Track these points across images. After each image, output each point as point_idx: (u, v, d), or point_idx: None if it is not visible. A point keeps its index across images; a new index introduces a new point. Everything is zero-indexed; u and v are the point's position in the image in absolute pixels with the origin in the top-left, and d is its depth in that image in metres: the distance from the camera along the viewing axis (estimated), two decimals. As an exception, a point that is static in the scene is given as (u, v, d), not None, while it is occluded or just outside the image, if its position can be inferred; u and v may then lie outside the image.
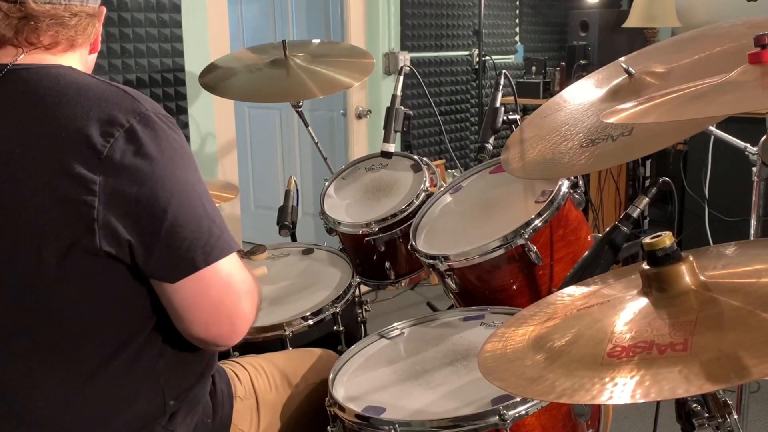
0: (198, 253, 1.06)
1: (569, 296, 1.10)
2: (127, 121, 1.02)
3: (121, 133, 1.01)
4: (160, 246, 1.04)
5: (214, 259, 1.08)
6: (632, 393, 0.77)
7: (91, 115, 1.01)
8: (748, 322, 0.81)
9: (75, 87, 1.05)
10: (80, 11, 1.11)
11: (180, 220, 1.04)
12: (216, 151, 3.05)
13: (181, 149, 1.08)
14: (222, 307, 1.12)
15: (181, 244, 1.05)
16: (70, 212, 1.00)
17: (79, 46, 1.15)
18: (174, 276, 1.06)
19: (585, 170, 1.43)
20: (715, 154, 3.32)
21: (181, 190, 1.05)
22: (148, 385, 1.14)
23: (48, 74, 1.07)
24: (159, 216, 1.03)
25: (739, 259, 1.01)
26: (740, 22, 1.51)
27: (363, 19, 3.72)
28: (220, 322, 1.12)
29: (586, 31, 4.36)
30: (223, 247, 1.09)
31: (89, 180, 0.99)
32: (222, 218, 1.13)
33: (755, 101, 1.05)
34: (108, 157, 1.00)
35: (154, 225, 1.03)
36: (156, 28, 2.70)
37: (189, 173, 1.08)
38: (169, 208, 1.03)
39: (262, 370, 1.45)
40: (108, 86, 1.07)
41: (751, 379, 0.74)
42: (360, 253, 2.03)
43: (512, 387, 0.91)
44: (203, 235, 1.07)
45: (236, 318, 1.13)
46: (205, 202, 1.09)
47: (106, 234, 1.01)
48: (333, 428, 1.35)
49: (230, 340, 1.15)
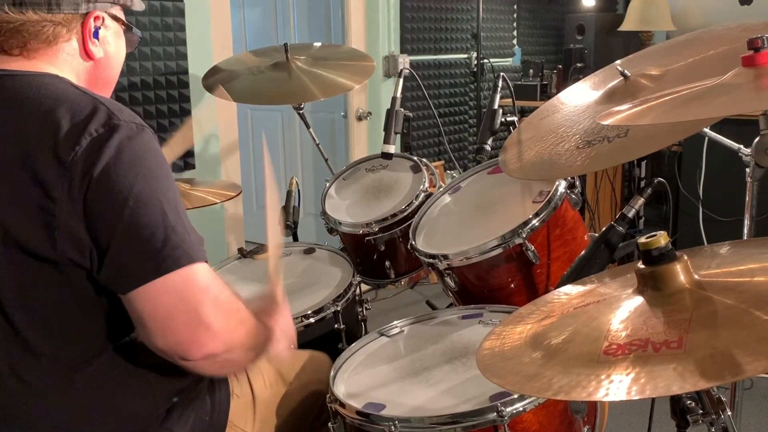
0: (149, 264, 1.02)
1: (566, 295, 1.11)
2: (96, 130, 1.01)
3: (87, 141, 1.00)
4: (112, 255, 1.02)
5: (166, 270, 1.02)
6: (628, 390, 0.77)
7: (62, 124, 1.01)
8: (742, 321, 0.81)
9: (53, 96, 1.05)
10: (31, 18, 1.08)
11: (130, 230, 1.01)
12: (219, 152, 3.05)
13: (148, 157, 1.05)
14: (179, 315, 1.04)
15: (132, 254, 1.02)
16: (35, 220, 1.00)
17: (45, 51, 1.12)
18: (124, 287, 1.03)
19: (581, 171, 1.43)
20: (709, 156, 3.32)
21: (136, 199, 1.01)
22: (136, 385, 1.14)
23: (31, 83, 1.07)
24: (111, 224, 1.01)
25: (733, 259, 1.01)
26: (734, 26, 1.51)
27: (363, 23, 3.72)
28: (177, 330, 1.05)
29: (582, 34, 4.36)
30: (178, 257, 1.03)
31: (51, 187, 0.99)
32: (188, 225, 1.08)
33: (749, 103, 1.05)
34: (70, 165, 0.99)
35: (107, 234, 1.01)
36: (160, 32, 2.70)
37: (150, 181, 1.04)
38: (122, 217, 1.01)
39: (258, 367, 1.44)
40: (86, 97, 1.06)
41: (744, 377, 0.74)
42: (360, 253, 2.03)
43: (510, 384, 0.91)
44: (156, 245, 1.02)
45: (196, 327, 1.04)
46: (168, 211, 1.04)
47: (68, 242, 1.00)
48: (334, 424, 1.35)
49: (191, 349, 1.05)
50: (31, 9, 1.08)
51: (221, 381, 1.33)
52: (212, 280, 1.08)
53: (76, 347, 1.08)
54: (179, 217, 1.06)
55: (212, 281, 1.08)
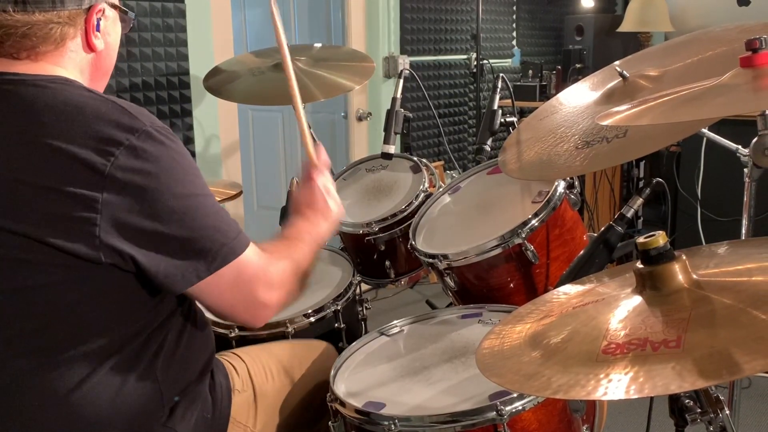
0: (202, 264, 1.07)
1: (565, 294, 1.11)
2: (127, 138, 1.02)
3: (122, 151, 1.01)
4: (164, 259, 1.05)
5: (217, 267, 1.09)
6: (626, 389, 0.77)
7: (89, 134, 1.01)
8: (740, 320, 0.81)
9: (72, 105, 1.04)
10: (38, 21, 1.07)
11: (182, 233, 1.05)
12: (220, 152, 3.05)
13: (181, 161, 1.08)
14: (238, 304, 1.15)
15: (186, 255, 1.06)
16: (70, 228, 1.00)
17: (53, 53, 1.11)
18: (179, 286, 1.08)
19: (580, 171, 1.44)
20: (708, 156, 3.32)
21: (182, 204, 1.05)
22: (144, 385, 1.14)
23: (45, 89, 1.06)
24: (161, 231, 1.04)
25: (731, 258, 1.01)
26: (732, 27, 1.51)
27: (363, 24, 3.72)
28: (239, 314, 1.17)
29: (581, 35, 4.36)
30: (226, 254, 1.10)
31: (90, 198, 0.99)
32: (227, 218, 1.13)
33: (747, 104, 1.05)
34: (110, 175, 1.00)
35: (156, 240, 1.04)
36: (161, 33, 2.70)
37: (189, 185, 1.08)
38: (172, 224, 1.04)
39: (258, 361, 1.44)
40: (104, 102, 1.06)
41: (742, 376, 0.74)
42: (361, 252, 2.03)
43: (509, 383, 0.91)
44: (207, 244, 1.08)
45: (255, 310, 1.16)
46: (209, 211, 1.10)
47: (109, 247, 1.01)
48: (334, 423, 1.35)
49: (257, 324, 1.19)
50: (36, 9, 1.06)
51: (222, 378, 1.33)
52: (258, 262, 1.15)
53: (96, 346, 1.08)
54: (218, 214, 1.11)
55: (259, 264, 1.15)
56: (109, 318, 1.09)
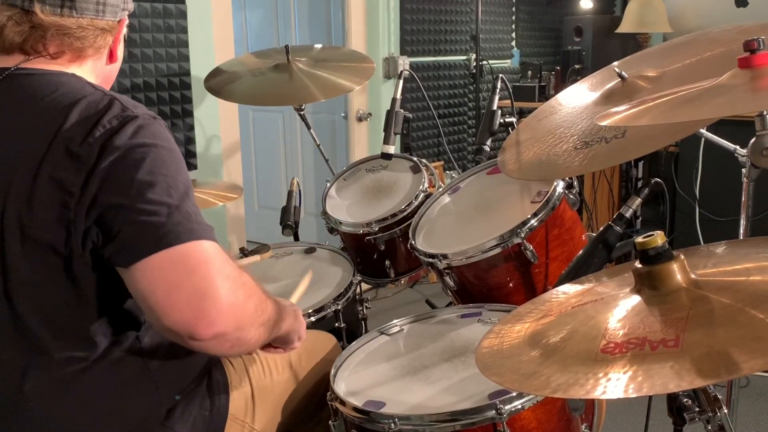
0: (149, 237, 1.00)
1: (564, 294, 1.11)
2: (109, 122, 1.03)
3: (101, 133, 1.02)
4: (116, 230, 1.01)
5: (167, 245, 1.00)
6: (625, 388, 0.77)
7: (79, 121, 1.02)
8: (738, 319, 0.81)
9: (70, 94, 1.06)
10: (89, 25, 1.11)
11: (135, 205, 1.01)
12: (221, 152, 3.05)
13: (160, 143, 1.06)
14: (181, 292, 1.00)
15: (134, 229, 1.01)
16: (53, 216, 1.00)
17: (90, 57, 1.15)
18: (125, 260, 1.01)
19: (579, 171, 1.44)
20: (706, 156, 3.32)
21: (142, 179, 1.02)
22: (140, 383, 1.14)
23: (49, 81, 1.08)
24: (117, 201, 1.01)
25: (729, 258, 1.01)
26: (730, 28, 1.51)
27: (363, 25, 3.72)
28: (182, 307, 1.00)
29: (580, 36, 4.36)
30: (180, 233, 1.01)
31: (69, 182, 1.00)
32: (195, 212, 1.07)
33: (745, 104, 1.05)
34: (84, 156, 1.00)
35: (112, 211, 1.01)
36: (162, 34, 2.70)
37: (159, 163, 1.04)
38: (130, 195, 1.01)
39: (256, 355, 1.42)
40: (103, 96, 1.08)
41: (740, 375, 0.74)
42: (361, 252, 2.03)
43: (509, 382, 0.91)
44: (159, 220, 1.01)
45: (202, 302, 1.00)
46: (173, 191, 1.04)
47: (81, 232, 1.01)
48: (334, 422, 1.35)
49: (201, 329, 1.00)
50: (82, 14, 1.10)
51: (219, 375, 1.32)
52: (217, 254, 1.04)
53: (86, 347, 1.08)
54: (186, 199, 1.05)
55: (217, 255, 1.04)
56: (102, 316, 1.09)
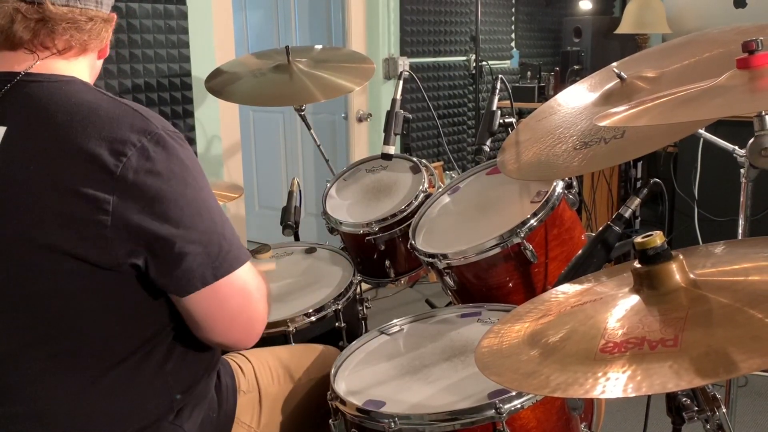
0: (209, 268, 1.06)
1: (563, 294, 1.10)
2: (139, 140, 1.01)
3: (134, 153, 1.00)
4: (172, 262, 1.04)
5: (225, 273, 1.08)
6: (624, 387, 0.77)
7: (103, 135, 1.00)
8: (736, 319, 0.81)
9: (86, 106, 1.03)
10: (95, 15, 1.09)
11: (191, 237, 1.04)
12: (221, 153, 3.05)
13: (192, 165, 1.07)
14: (239, 316, 1.14)
15: (194, 259, 1.05)
16: (82, 230, 0.99)
17: (90, 51, 1.13)
18: (185, 291, 1.07)
19: (579, 172, 1.44)
20: (705, 157, 3.32)
21: (192, 208, 1.05)
22: (156, 384, 1.14)
23: (59, 90, 1.05)
24: (171, 234, 1.02)
25: (728, 258, 1.01)
26: (728, 29, 1.51)
27: (364, 26, 3.72)
28: (239, 329, 1.15)
29: (579, 37, 4.36)
30: (232, 261, 1.09)
31: (102, 200, 0.98)
32: (232, 228, 1.12)
33: (743, 105, 1.05)
34: (121, 177, 0.99)
35: (166, 243, 1.03)
36: (163, 35, 2.70)
37: (199, 189, 1.07)
38: (181, 226, 1.03)
39: (265, 363, 1.44)
40: (119, 105, 1.06)
41: (739, 374, 0.74)
42: (361, 252, 2.03)
43: (508, 381, 0.91)
44: (214, 249, 1.07)
45: (254, 322, 1.17)
46: (215, 216, 1.09)
47: (122, 250, 1.01)
48: (335, 421, 1.35)
49: (250, 342, 1.19)
50: (83, 4, 1.07)
51: (228, 378, 1.33)
52: (255, 274, 1.16)
53: (107, 352, 1.08)
54: (225, 221, 1.10)
55: (255, 276, 1.16)
56: (123, 322, 1.09)
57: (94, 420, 1.10)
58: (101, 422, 1.10)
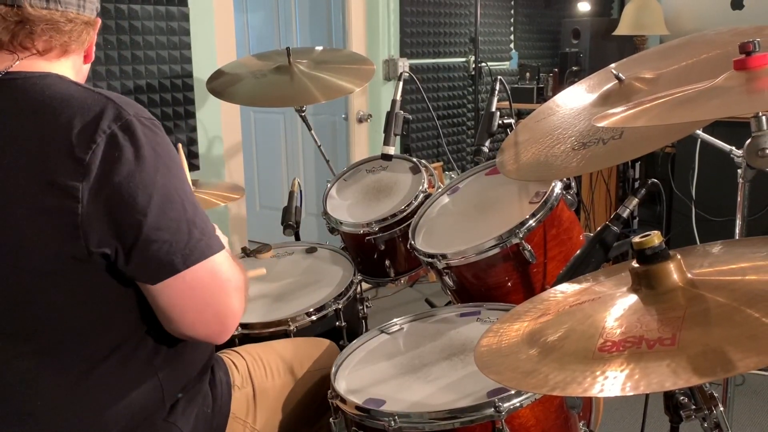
0: (177, 256, 1.04)
1: (562, 293, 1.10)
2: (109, 127, 1.00)
3: (103, 139, 0.99)
4: (140, 249, 1.02)
5: (195, 261, 1.06)
6: (622, 386, 0.77)
7: (74, 124, 1.00)
8: (734, 318, 0.81)
9: (59, 97, 1.03)
10: (75, 18, 1.09)
11: (159, 224, 1.02)
12: (223, 153, 3.05)
13: (163, 152, 1.05)
14: (208, 308, 1.10)
15: (161, 247, 1.03)
16: (55, 221, 0.98)
17: (72, 53, 1.12)
18: (154, 278, 1.05)
19: (577, 172, 1.44)
20: (702, 157, 3.32)
21: (161, 195, 1.03)
22: (145, 380, 1.14)
23: (35, 85, 1.05)
24: (138, 220, 1.01)
25: (725, 258, 1.01)
26: (726, 30, 1.52)
27: (364, 27, 3.72)
28: (207, 321, 1.11)
29: (577, 38, 4.36)
30: (203, 249, 1.07)
31: (72, 187, 0.98)
32: (207, 220, 1.10)
33: (740, 106, 1.05)
34: (90, 163, 0.98)
35: (133, 229, 1.01)
36: (165, 36, 2.70)
37: (170, 176, 1.05)
38: (149, 213, 1.01)
39: (259, 358, 1.43)
40: (91, 93, 1.05)
41: (736, 373, 0.74)
42: (361, 252, 2.03)
43: (507, 380, 0.91)
44: (182, 238, 1.05)
45: (225, 317, 1.12)
46: (187, 205, 1.06)
47: (93, 238, 1.00)
48: (335, 420, 1.35)
49: (220, 337, 1.14)
50: (67, 7, 1.07)
51: (222, 374, 1.33)
52: (230, 266, 1.13)
53: (94, 347, 1.08)
54: (197, 209, 1.08)
55: (230, 268, 1.13)
56: (104, 315, 1.08)
57: (84, 418, 1.09)
58: (92, 420, 1.10)
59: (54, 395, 1.07)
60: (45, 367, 1.06)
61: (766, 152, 1.11)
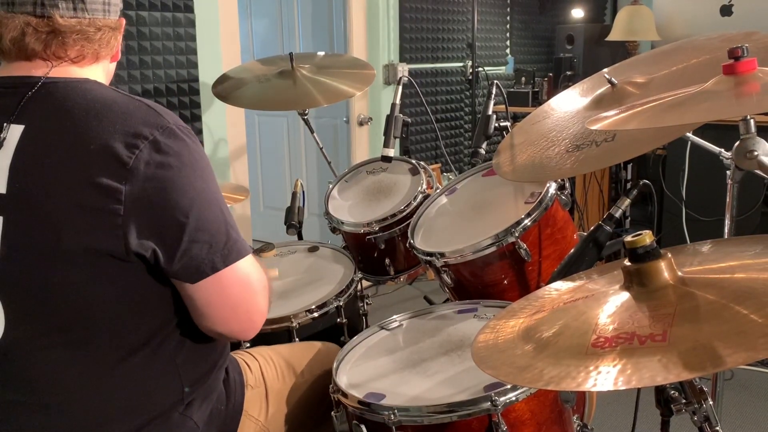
0: (218, 256, 1.07)
1: (556, 290, 1.10)
2: (151, 134, 1.02)
3: (146, 145, 1.01)
4: (183, 250, 1.04)
5: (233, 261, 1.09)
6: (615, 380, 0.77)
7: (117, 128, 1.01)
8: (723, 315, 0.81)
9: (102, 101, 1.04)
10: (104, 25, 1.10)
11: (201, 225, 1.05)
12: (228, 155, 3.05)
13: (200, 159, 1.08)
14: (241, 305, 1.13)
15: (203, 247, 1.06)
16: (97, 220, 0.99)
17: (103, 58, 1.14)
18: (195, 277, 1.07)
19: (571, 173, 1.43)
20: (692, 159, 3.32)
21: (201, 198, 1.05)
22: (167, 375, 1.14)
23: (76, 89, 1.06)
24: (181, 222, 1.03)
25: (714, 256, 1.01)
26: (715, 36, 1.51)
27: (364, 33, 3.72)
28: (239, 318, 1.14)
29: (571, 44, 4.36)
30: (240, 250, 1.10)
31: (115, 189, 0.99)
32: (233, 220, 1.13)
33: (729, 109, 1.05)
34: (134, 168, 0.99)
35: (176, 231, 1.03)
36: (172, 42, 2.70)
37: (208, 181, 1.08)
38: (191, 215, 1.04)
39: (270, 360, 1.44)
40: (132, 101, 1.06)
41: (725, 368, 0.74)
42: (362, 251, 2.03)
43: (503, 375, 0.91)
44: (222, 238, 1.08)
45: (254, 314, 1.16)
46: (223, 208, 1.10)
47: (131, 239, 1.01)
48: (336, 413, 1.35)
49: (249, 333, 1.17)
50: (94, 15, 1.08)
51: (236, 374, 1.33)
52: (257, 269, 1.16)
53: (125, 340, 1.08)
54: (229, 212, 1.12)
55: (258, 271, 1.16)
56: (136, 313, 1.08)
57: (107, 410, 1.09)
58: (114, 412, 1.10)
59: (79, 388, 1.07)
60: (74, 360, 1.06)
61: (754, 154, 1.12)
